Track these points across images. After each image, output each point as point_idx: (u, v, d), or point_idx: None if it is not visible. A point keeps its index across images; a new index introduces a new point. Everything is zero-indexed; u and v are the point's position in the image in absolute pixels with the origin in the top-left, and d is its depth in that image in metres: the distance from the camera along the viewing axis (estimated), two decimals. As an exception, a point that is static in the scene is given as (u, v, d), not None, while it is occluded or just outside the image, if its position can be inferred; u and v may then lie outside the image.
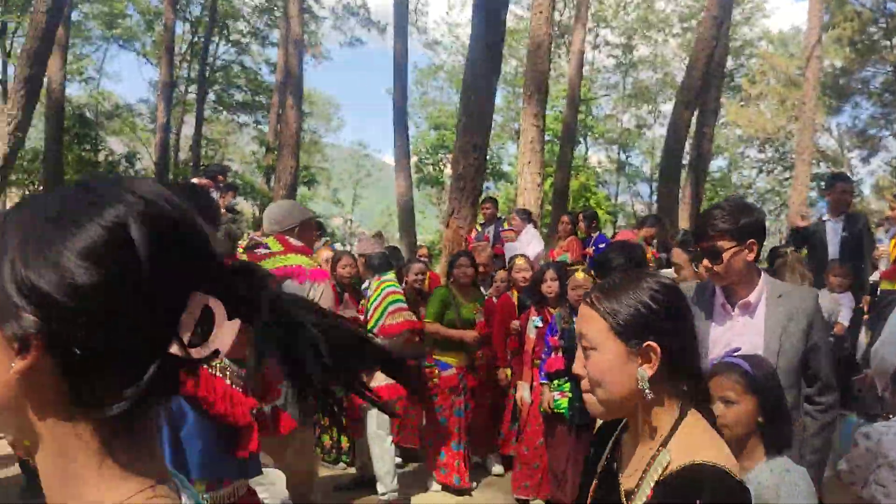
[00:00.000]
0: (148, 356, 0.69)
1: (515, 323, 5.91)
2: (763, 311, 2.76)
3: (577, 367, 1.54)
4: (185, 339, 0.70)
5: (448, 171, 29.17)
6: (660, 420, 1.46)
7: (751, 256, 2.73)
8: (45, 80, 13.19)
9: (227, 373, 2.42)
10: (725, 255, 2.67)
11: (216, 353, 0.71)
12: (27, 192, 20.32)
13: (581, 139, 29.06)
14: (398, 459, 5.88)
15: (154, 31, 26.88)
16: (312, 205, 28.66)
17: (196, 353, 0.70)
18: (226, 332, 0.72)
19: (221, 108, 29.32)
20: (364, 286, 6.04)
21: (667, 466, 1.38)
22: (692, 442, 1.40)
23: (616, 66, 34.20)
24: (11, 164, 11.84)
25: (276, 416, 2.98)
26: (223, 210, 10.15)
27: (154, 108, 25.32)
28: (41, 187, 18.98)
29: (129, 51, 28.84)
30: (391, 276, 5.45)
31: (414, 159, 24.20)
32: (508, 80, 30.20)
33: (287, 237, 3.74)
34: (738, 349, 2.40)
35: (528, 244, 8.06)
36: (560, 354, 4.98)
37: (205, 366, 2.28)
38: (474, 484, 5.74)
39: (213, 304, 0.72)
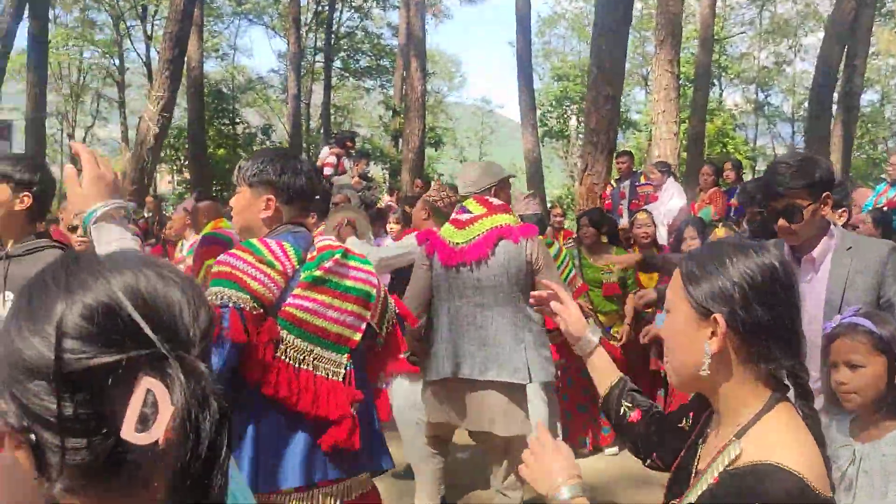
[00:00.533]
0: (94, 435, 0.74)
1: (651, 293, 5.73)
2: (829, 264, 2.64)
3: (661, 330, 1.44)
4: (132, 422, 0.72)
5: (573, 123, 28.57)
6: (739, 406, 1.31)
7: (826, 210, 2.62)
8: (185, 59, 13.82)
9: (320, 363, 2.23)
10: (806, 213, 2.55)
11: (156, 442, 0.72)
12: (175, 168, 21.63)
13: (715, 81, 27.62)
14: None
15: (280, 3, 27.62)
16: (440, 165, 28.91)
17: (138, 439, 0.72)
18: (164, 420, 0.73)
19: (347, 74, 29.89)
20: None
21: (735, 459, 1.23)
22: (771, 438, 1.24)
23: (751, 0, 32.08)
24: (161, 142, 12.59)
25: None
26: (356, 178, 10.38)
27: (284, 79, 26.16)
28: (187, 162, 20.13)
29: (257, 25, 29.89)
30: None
31: (538, 113, 23.79)
32: (633, 24, 29.00)
33: (486, 197, 3.59)
34: (858, 308, 2.22)
35: (670, 199, 7.75)
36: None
37: (292, 363, 2.17)
38: (615, 449, 5.64)
39: (158, 390, 0.73)
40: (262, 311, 2.13)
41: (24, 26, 14.54)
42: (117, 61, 29.45)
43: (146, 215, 10.56)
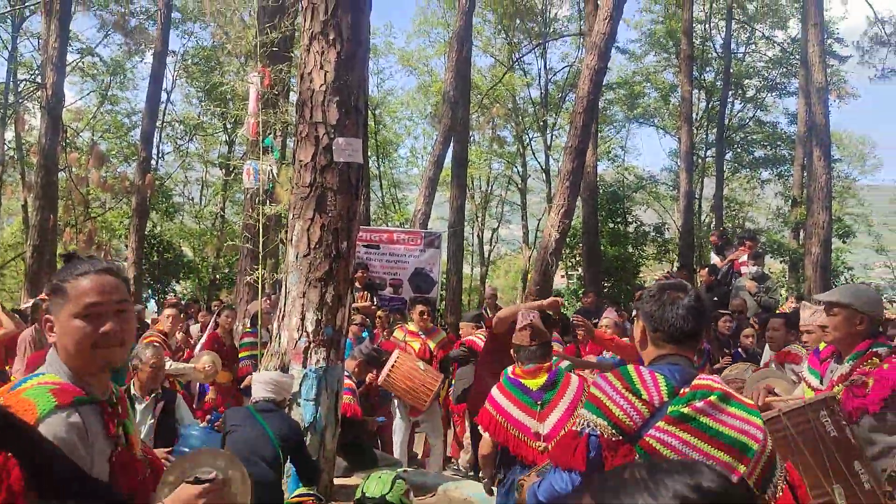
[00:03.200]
0: None
1: None
2: None
3: None
4: None
5: None
6: None
7: None
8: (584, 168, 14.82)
9: None
10: None
11: None
12: (569, 265, 22.90)
13: None
14: None
15: (670, 103, 28.19)
16: (849, 256, 26.17)
17: None
18: None
19: (740, 166, 29.09)
20: None
21: None
22: None
23: None
24: (561, 246, 13.59)
25: None
26: (751, 279, 10.02)
27: (675, 176, 26.40)
28: (581, 259, 21.26)
29: (646, 126, 30.79)
30: None
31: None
32: None
33: None
34: None
35: None
36: None
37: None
38: None
39: None
40: (620, 437, 2.24)
41: (449, 150, 17.14)
42: (520, 169, 32.65)
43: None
